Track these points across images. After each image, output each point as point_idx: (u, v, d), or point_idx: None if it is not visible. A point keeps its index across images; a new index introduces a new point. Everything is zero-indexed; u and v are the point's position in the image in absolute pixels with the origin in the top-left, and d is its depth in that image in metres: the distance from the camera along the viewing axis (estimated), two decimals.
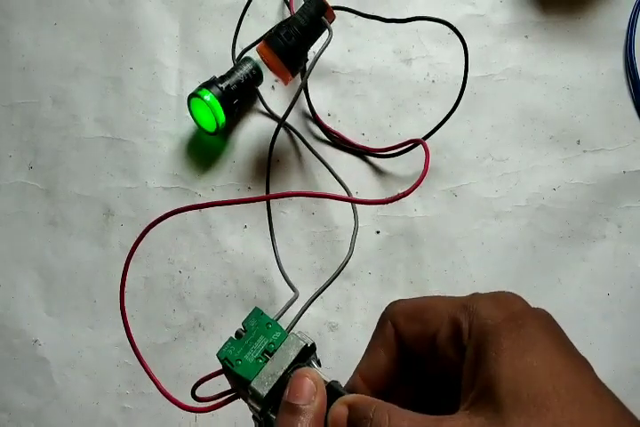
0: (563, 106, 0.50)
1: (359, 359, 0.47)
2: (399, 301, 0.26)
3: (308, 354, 0.27)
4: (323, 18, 0.42)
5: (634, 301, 0.46)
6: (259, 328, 0.27)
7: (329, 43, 0.42)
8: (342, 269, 0.40)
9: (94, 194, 0.49)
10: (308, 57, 0.45)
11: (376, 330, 0.27)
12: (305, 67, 0.46)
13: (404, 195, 0.35)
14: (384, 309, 0.27)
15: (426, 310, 0.24)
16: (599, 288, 0.46)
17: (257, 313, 0.28)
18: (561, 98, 0.50)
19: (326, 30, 0.43)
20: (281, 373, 0.26)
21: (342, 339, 0.45)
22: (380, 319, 0.26)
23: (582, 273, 0.46)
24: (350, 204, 0.47)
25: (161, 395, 0.29)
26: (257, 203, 0.48)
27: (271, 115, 0.50)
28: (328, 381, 0.26)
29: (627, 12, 0.51)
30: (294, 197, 0.48)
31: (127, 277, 0.31)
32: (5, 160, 0.50)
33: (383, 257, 0.47)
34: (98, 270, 0.47)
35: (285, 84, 0.45)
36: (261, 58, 0.44)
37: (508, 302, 0.22)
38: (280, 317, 0.31)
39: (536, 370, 0.19)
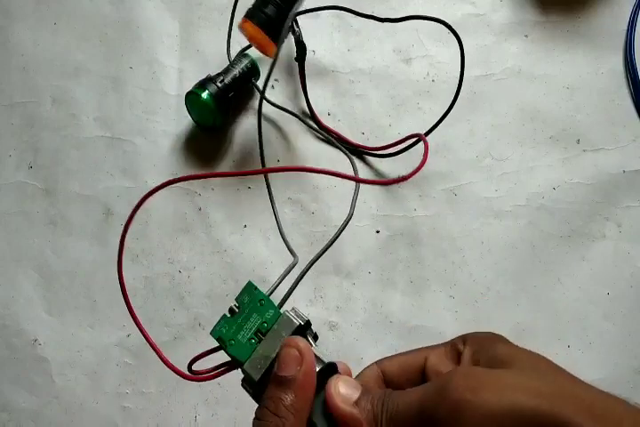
0: (562, 105, 0.50)
1: (359, 358, 0.47)
2: None
3: (302, 332, 0.26)
4: None
5: (634, 300, 0.46)
6: (252, 305, 0.26)
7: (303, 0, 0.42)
8: (343, 229, 0.38)
9: (94, 193, 0.49)
10: (308, 57, 0.44)
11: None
12: (299, 36, 0.45)
13: (404, 178, 0.35)
14: None
15: None
16: (599, 288, 0.46)
17: (250, 288, 0.27)
18: (561, 97, 0.50)
19: None
20: (274, 355, 0.25)
21: (342, 338, 0.45)
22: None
23: (582, 273, 0.46)
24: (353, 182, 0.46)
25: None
26: (257, 202, 0.48)
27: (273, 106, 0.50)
28: (325, 362, 0.25)
29: (627, 12, 0.51)
30: (294, 196, 0.48)
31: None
32: (5, 160, 0.50)
33: (383, 256, 0.47)
34: (98, 270, 0.47)
35: (270, 55, 0.44)
36: (244, 34, 0.44)
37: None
38: (279, 284, 0.29)
39: None
